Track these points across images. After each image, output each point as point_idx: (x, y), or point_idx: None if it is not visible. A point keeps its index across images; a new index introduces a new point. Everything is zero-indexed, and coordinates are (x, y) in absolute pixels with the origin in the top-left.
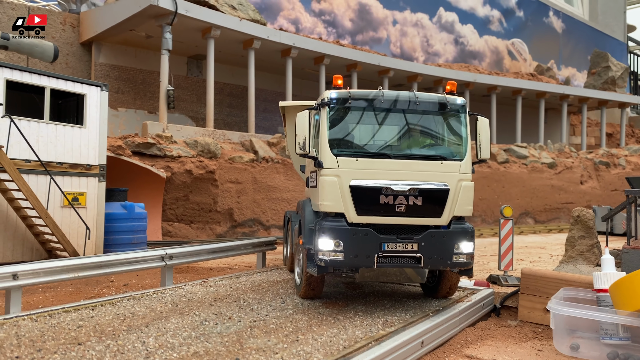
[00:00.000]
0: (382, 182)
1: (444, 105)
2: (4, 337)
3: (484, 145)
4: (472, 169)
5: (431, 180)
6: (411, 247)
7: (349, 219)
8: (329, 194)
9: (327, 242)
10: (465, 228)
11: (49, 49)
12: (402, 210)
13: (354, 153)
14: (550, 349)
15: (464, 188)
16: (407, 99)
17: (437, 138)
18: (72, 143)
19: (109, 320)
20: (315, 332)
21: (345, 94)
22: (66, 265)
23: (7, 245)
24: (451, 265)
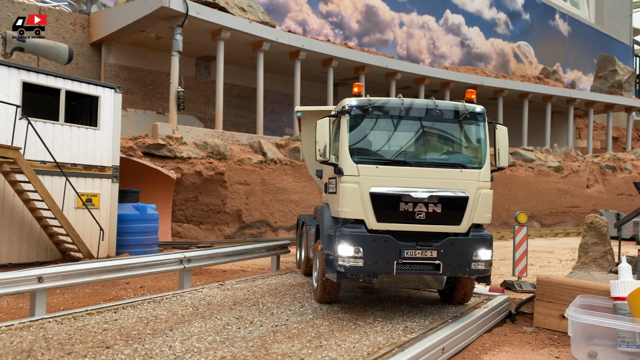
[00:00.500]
0: (402, 190)
1: (464, 113)
2: (32, 340)
3: (502, 153)
4: (491, 176)
5: (450, 188)
6: (430, 254)
7: (369, 226)
8: (349, 200)
9: (347, 248)
10: (484, 235)
11: (64, 51)
12: (421, 217)
13: (374, 160)
14: (567, 356)
15: (483, 196)
16: (427, 106)
17: (456, 146)
18: (86, 144)
19: (132, 324)
20: (338, 338)
21: (366, 101)
22: (90, 268)
23: (23, 245)
24: (470, 272)
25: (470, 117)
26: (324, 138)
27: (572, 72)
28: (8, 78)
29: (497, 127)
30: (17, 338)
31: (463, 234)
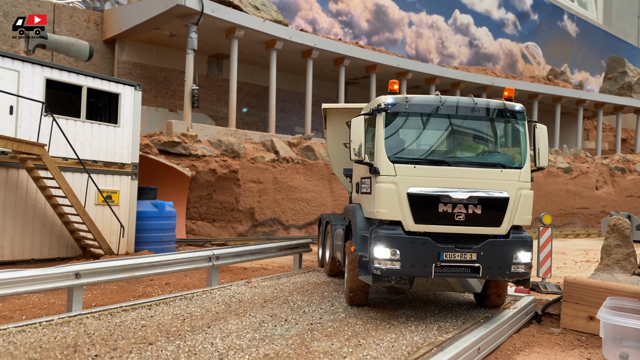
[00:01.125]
0: (441, 190)
1: (503, 112)
2: (75, 335)
3: (542, 152)
4: (531, 177)
5: (490, 189)
6: (470, 256)
7: (406, 227)
8: (386, 201)
9: (383, 250)
10: (524, 237)
11: (85, 48)
12: (461, 218)
13: (411, 160)
14: (598, 357)
15: (523, 197)
16: (466, 105)
17: (496, 145)
18: (106, 141)
19: (169, 320)
20: (375, 337)
21: (403, 99)
22: (124, 265)
23: (45, 242)
24: (510, 275)
25: (510, 116)
26: (359, 137)
27: (580, 73)
28: (32, 75)
29: (536, 125)
30: (59, 333)
31: (503, 236)
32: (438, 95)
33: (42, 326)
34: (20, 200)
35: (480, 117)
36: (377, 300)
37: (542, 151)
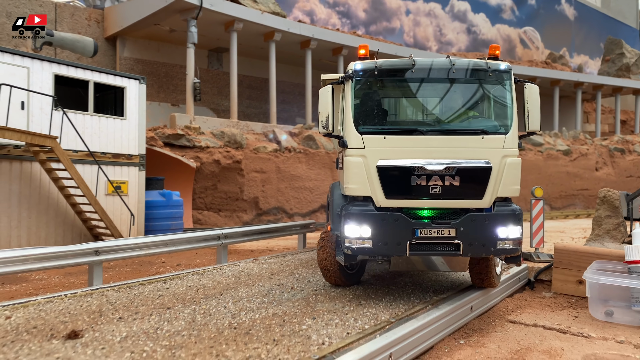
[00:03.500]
0: (414, 162)
1: (485, 72)
2: (99, 304)
3: (533, 115)
4: (520, 143)
5: (471, 158)
6: (448, 232)
7: (377, 203)
8: (355, 175)
9: (354, 228)
10: (511, 210)
11: (90, 44)
12: (437, 192)
13: (381, 130)
14: (585, 315)
15: (509, 165)
16: (442, 66)
17: (477, 110)
18: (114, 134)
19: (184, 291)
20: (374, 299)
21: (372, 64)
22: (139, 242)
23: (58, 231)
24: (495, 252)
25: (493, 76)
26: (326, 108)
27: (579, 56)
28: (41, 71)
29: (526, 85)
30: (84, 303)
31: (487, 209)
32: (411, 57)
33: (68, 297)
34: (34, 192)
35: (459, 79)
36: (377, 270)
37: (532, 113)
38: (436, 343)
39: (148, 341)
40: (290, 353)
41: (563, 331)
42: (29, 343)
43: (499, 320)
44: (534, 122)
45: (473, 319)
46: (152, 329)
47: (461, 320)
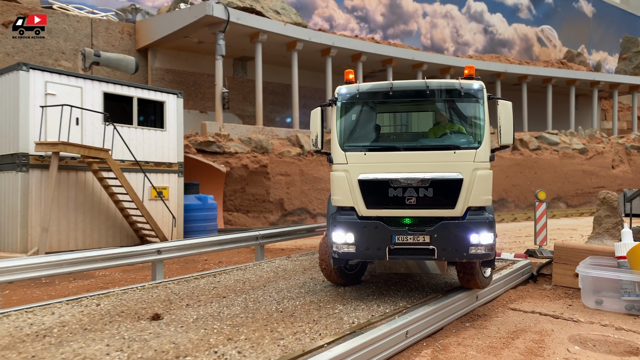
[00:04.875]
0: (391, 175)
1: (458, 92)
2: (166, 295)
3: (504, 129)
4: (492, 156)
5: (444, 171)
6: (423, 239)
7: (359, 213)
8: (339, 188)
9: (340, 235)
10: (483, 219)
11: (132, 63)
12: (412, 202)
13: (362, 147)
14: (579, 304)
15: (479, 177)
16: (417, 88)
17: (451, 126)
18: (155, 144)
19: (233, 284)
20: (394, 290)
21: (354, 88)
22: (196, 242)
23: (109, 233)
24: (468, 257)
25: (466, 95)
26: (315, 128)
27: (598, 53)
28: (92, 90)
29: (499, 102)
30: (153, 293)
31: (460, 217)
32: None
33: (139, 289)
34: (88, 198)
35: (434, 99)
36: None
37: (504, 128)
38: (445, 325)
39: (215, 322)
40: (328, 329)
41: (556, 317)
42: (123, 323)
43: (501, 308)
44: (506, 136)
45: (479, 307)
46: (215, 312)
47: (468, 307)
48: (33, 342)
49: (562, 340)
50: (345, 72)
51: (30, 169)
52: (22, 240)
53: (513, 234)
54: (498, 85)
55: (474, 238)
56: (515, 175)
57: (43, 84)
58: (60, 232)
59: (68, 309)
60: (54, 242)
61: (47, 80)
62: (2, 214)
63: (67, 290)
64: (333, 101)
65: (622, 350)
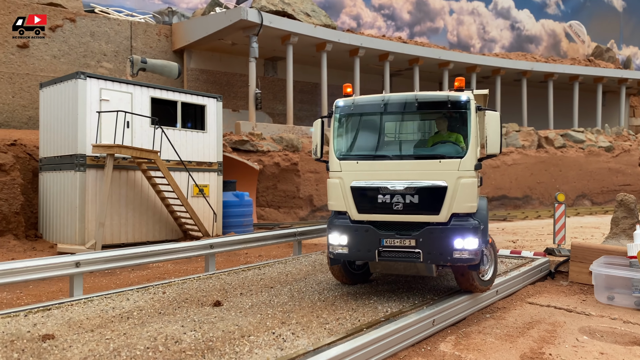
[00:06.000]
0: (380, 183)
1: (445, 104)
2: (220, 284)
3: (491, 139)
4: (478, 165)
5: (429, 179)
6: (409, 242)
7: (352, 217)
8: (334, 194)
9: (335, 237)
10: (467, 224)
11: (175, 68)
12: (399, 208)
13: (355, 156)
14: (592, 299)
15: (462, 185)
16: (408, 101)
17: (438, 137)
18: (197, 145)
19: (277, 275)
20: (421, 284)
21: (350, 101)
22: (241, 239)
23: (156, 227)
24: (452, 260)
25: (453, 107)
26: (316, 138)
27: (628, 48)
28: (141, 95)
29: (486, 113)
30: (209, 283)
31: (444, 223)
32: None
33: (196, 280)
34: (137, 196)
35: (423, 111)
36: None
37: (491, 137)
38: (468, 316)
39: (268, 308)
40: (366, 316)
41: (570, 310)
42: (190, 308)
43: (519, 302)
44: (492, 145)
45: (498, 300)
46: (267, 300)
47: (488, 300)
48: (120, 322)
49: (572, 330)
50: (343, 86)
51: (87, 168)
52: (80, 234)
53: (535, 232)
54: (524, 84)
55: (458, 243)
56: (540, 172)
57: (98, 91)
58: (113, 226)
59: (140, 296)
60: (107, 236)
61: (101, 87)
62: (62, 209)
63: (129, 280)
64: (330, 113)
65: (627, 340)
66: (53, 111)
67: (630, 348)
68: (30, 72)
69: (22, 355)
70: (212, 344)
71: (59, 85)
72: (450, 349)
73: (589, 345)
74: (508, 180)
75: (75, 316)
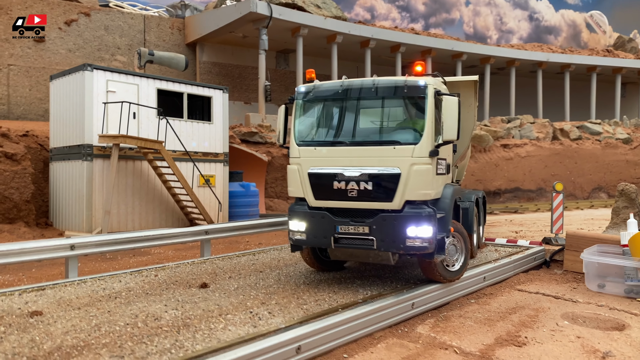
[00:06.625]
0: (335, 169)
1: (402, 89)
2: (212, 269)
3: (448, 125)
4: (435, 151)
5: (384, 166)
6: (362, 229)
7: (309, 203)
8: (293, 180)
9: (294, 223)
10: (420, 212)
11: (182, 60)
12: (354, 194)
13: (313, 142)
14: (583, 287)
15: (415, 172)
16: (366, 86)
17: (395, 122)
18: (203, 136)
19: (269, 261)
20: (409, 269)
21: (311, 87)
22: (236, 225)
23: (162, 216)
24: (405, 248)
25: (410, 92)
26: (279, 124)
27: None
28: (147, 87)
29: (443, 98)
30: (202, 267)
31: (398, 210)
32: (344, 79)
33: (189, 264)
34: (143, 185)
35: (381, 96)
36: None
37: (447, 123)
38: (452, 300)
39: (252, 290)
40: (345, 298)
41: (557, 297)
42: (177, 289)
43: (508, 289)
44: (449, 131)
45: (487, 287)
46: (253, 283)
47: (474, 286)
48: (107, 301)
49: (554, 316)
50: (306, 72)
51: (94, 158)
52: (87, 221)
53: (543, 224)
54: (539, 75)
55: (410, 231)
56: (555, 165)
57: (105, 82)
58: (120, 214)
59: (132, 278)
60: (114, 224)
61: (108, 79)
62: (71, 198)
63: (129, 265)
64: (292, 99)
65: (609, 326)
66: (62, 103)
67: (609, 333)
68: (46, 65)
69: (8, 329)
70: (190, 321)
71: (67, 77)
72: (427, 331)
73: (567, 329)
74: (521, 173)
75: (66, 296)
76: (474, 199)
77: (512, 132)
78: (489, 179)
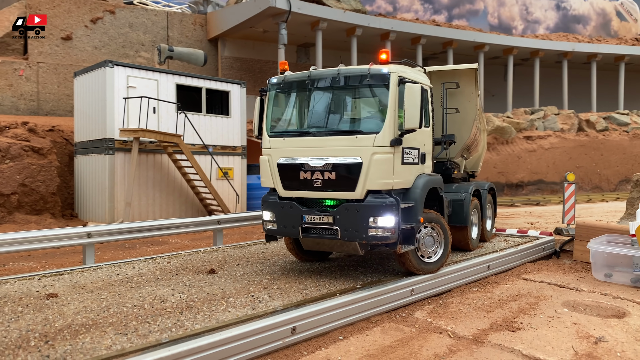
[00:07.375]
0: (301, 160)
1: (365, 77)
2: (223, 257)
3: (409, 113)
4: (396, 140)
5: (347, 155)
6: (327, 219)
7: (279, 194)
8: (264, 171)
9: (266, 213)
10: (382, 202)
11: (201, 56)
12: (318, 184)
13: (281, 133)
14: (590, 277)
15: (376, 161)
16: (330, 75)
17: (359, 112)
18: (221, 130)
19: (278, 250)
20: None
21: (281, 78)
22: (247, 215)
23: (182, 207)
24: (367, 238)
25: (373, 80)
26: (255, 116)
27: None
28: (166, 82)
29: (405, 86)
30: (213, 255)
31: (360, 200)
32: (312, 69)
33: (202, 252)
34: (164, 178)
35: (346, 85)
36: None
37: (408, 111)
38: (453, 288)
39: (257, 276)
40: (345, 284)
41: (561, 286)
42: (186, 275)
43: (513, 278)
44: (409, 119)
45: (491, 275)
46: (259, 270)
47: (478, 274)
48: (119, 285)
49: (554, 303)
50: (280, 64)
51: (115, 152)
52: (109, 212)
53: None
54: (564, 65)
55: (373, 220)
56: (580, 156)
57: (125, 78)
58: (141, 206)
59: (145, 265)
60: (136, 215)
61: (128, 75)
62: (94, 190)
63: (146, 253)
64: (264, 90)
65: (609, 314)
66: (85, 98)
67: (606, 320)
68: (73, 62)
69: (25, 309)
70: (193, 303)
71: (90, 73)
72: (424, 316)
73: (565, 316)
74: (545, 165)
75: (82, 280)
76: (470, 191)
77: (535, 123)
78: (511, 171)
